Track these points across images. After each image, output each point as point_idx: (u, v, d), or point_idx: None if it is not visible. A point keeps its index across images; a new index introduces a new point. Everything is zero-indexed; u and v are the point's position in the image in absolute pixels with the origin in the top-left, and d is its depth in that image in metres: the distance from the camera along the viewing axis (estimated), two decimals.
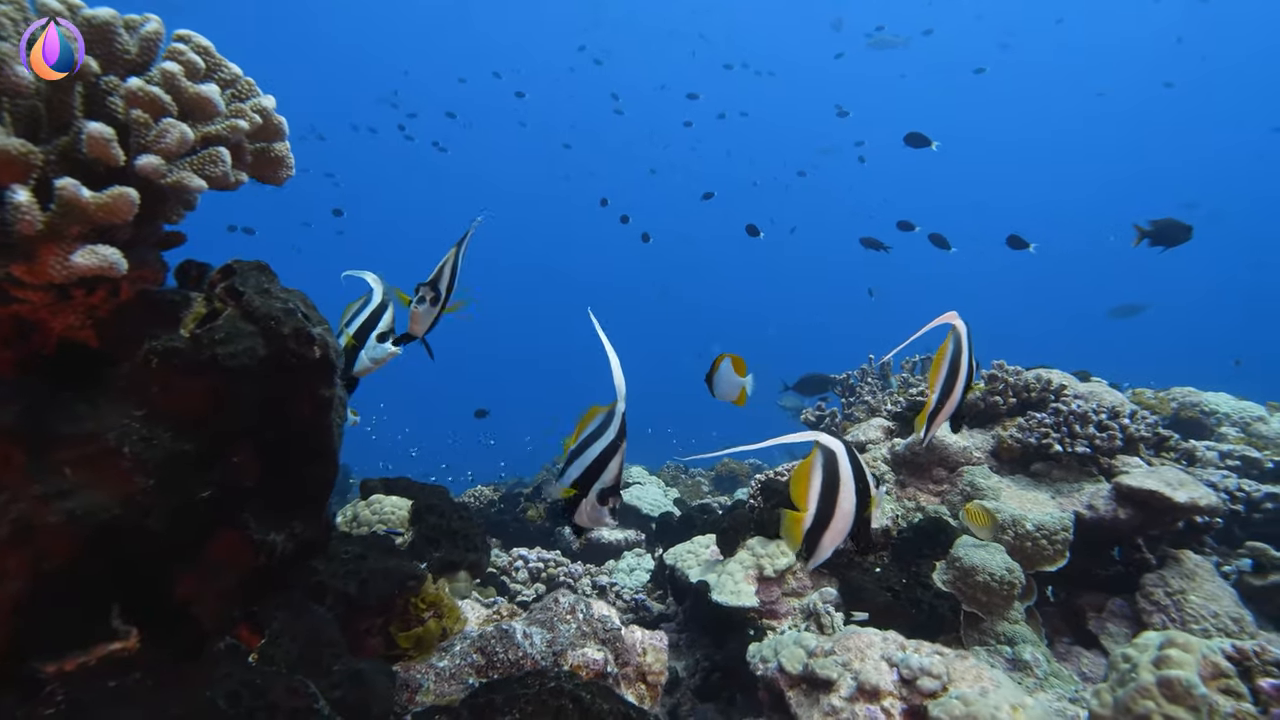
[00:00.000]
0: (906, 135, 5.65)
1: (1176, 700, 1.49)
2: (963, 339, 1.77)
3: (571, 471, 1.31)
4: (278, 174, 1.27)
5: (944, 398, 1.79)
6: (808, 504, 1.42)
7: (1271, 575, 3.05)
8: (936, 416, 1.81)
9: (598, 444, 1.29)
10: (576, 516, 1.33)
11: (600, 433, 1.30)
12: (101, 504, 0.92)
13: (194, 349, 1.02)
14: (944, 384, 1.79)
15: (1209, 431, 4.79)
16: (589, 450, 1.30)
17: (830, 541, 1.47)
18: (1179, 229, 4.32)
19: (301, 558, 1.27)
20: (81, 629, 1.00)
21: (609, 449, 1.29)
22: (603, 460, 1.29)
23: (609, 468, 1.29)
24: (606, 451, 1.29)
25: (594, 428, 1.32)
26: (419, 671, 1.53)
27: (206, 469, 1.06)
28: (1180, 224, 4.33)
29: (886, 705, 1.70)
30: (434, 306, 1.49)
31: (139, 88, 0.97)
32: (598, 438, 1.30)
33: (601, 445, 1.29)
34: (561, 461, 1.35)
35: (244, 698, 1.02)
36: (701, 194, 10.02)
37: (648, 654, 1.88)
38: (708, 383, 2.23)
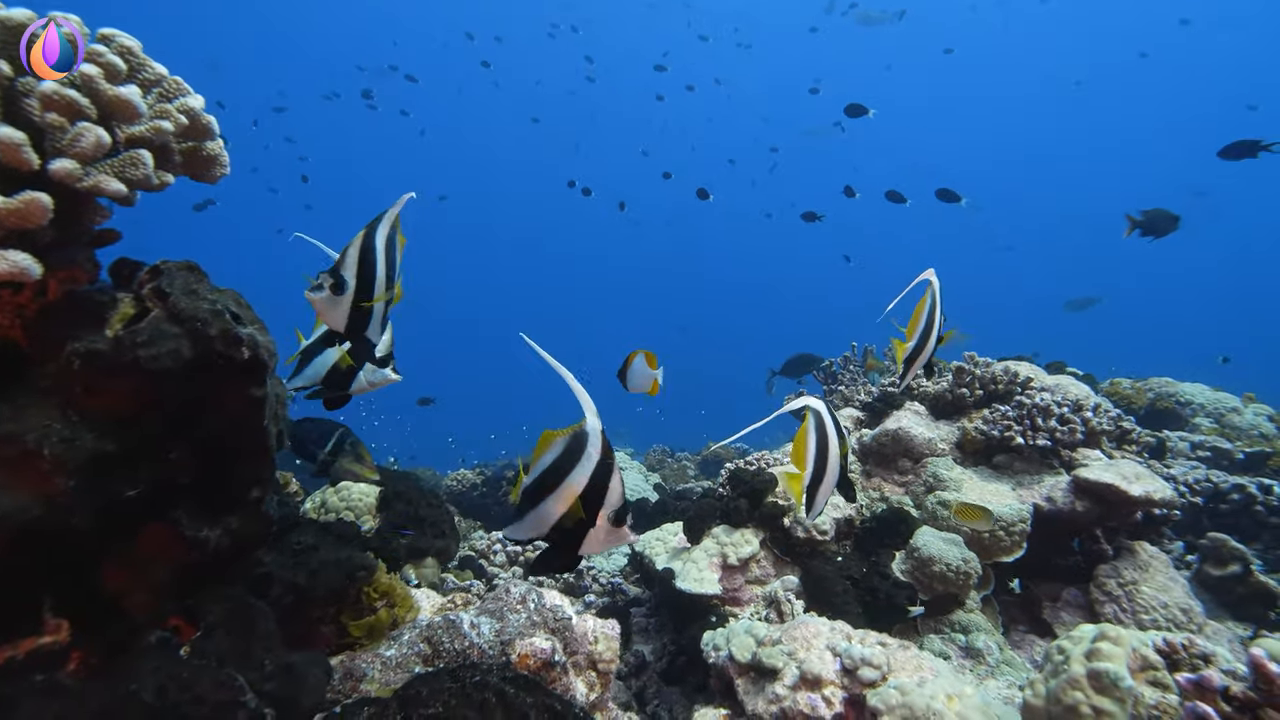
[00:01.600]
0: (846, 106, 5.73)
1: (1104, 692, 1.53)
2: (935, 293, 2.00)
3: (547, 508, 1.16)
4: (211, 172, 1.27)
5: (921, 343, 2.03)
6: (806, 464, 1.64)
7: (1230, 566, 3.11)
8: (914, 360, 2.04)
9: (579, 470, 1.15)
10: (585, 548, 1.19)
11: (574, 458, 1.16)
12: (21, 505, 0.94)
13: (116, 351, 1.04)
14: (921, 331, 2.03)
15: (1184, 422, 4.84)
16: (570, 479, 1.15)
17: (824, 493, 1.68)
18: (1167, 219, 4.34)
19: (240, 552, 1.29)
20: (9, 623, 1.02)
21: (601, 470, 1.15)
22: (598, 485, 1.15)
23: (611, 489, 1.17)
24: (599, 473, 1.15)
25: (558, 455, 1.17)
26: (365, 661, 1.56)
27: (134, 468, 1.08)
28: (1168, 214, 4.34)
29: (827, 694, 1.74)
30: (338, 296, 1.23)
31: (54, 90, 0.97)
32: (573, 464, 1.15)
33: (587, 469, 1.15)
34: (516, 502, 1.20)
35: (171, 691, 1.05)
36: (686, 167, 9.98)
37: (599, 642, 1.92)
38: (620, 378, 2.37)
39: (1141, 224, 4.28)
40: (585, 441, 1.16)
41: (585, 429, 1.16)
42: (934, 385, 3.27)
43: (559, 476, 1.16)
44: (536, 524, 1.18)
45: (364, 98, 15.54)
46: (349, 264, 1.24)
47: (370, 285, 1.27)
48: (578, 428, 1.18)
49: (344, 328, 1.26)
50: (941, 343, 2.07)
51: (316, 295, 1.23)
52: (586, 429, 1.16)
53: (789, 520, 2.83)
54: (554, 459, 1.17)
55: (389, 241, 1.30)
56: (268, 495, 1.29)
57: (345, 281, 1.23)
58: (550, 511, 1.16)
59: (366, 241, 1.26)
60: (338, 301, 1.24)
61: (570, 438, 1.18)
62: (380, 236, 1.28)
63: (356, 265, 1.24)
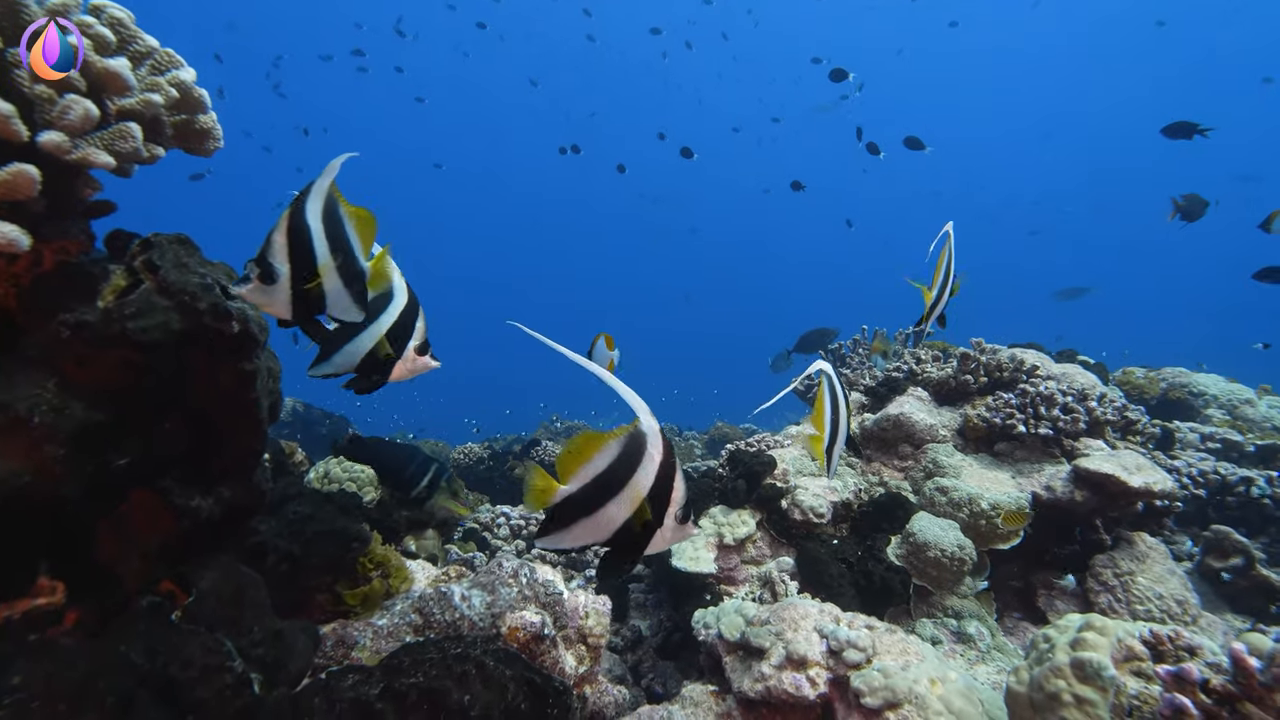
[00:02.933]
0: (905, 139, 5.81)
1: (1086, 681, 1.54)
2: (949, 244, 2.19)
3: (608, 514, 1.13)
4: (204, 145, 1.28)
5: (942, 292, 2.22)
6: (824, 425, 1.85)
7: (1232, 558, 3.09)
8: (936, 306, 2.23)
9: (642, 472, 1.13)
10: (651, 548, 1.19)
11: (634, 460, 1.14)
12: (11, 472, 0.97)
13: (105, 322, 1.05)
14: (942, 282, 2.21)
15: (1196, 413, 4.78)
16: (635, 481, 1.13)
17: (837, 453, 1.89)
18: (1200, 204, 4.38)
19: (232, 521, 1.32)
20: (6, 585, 1.05)
21: (664, 470, 1.15)
22: (663, 485, 1.15)
23: (675, 487, 1.17)
24: (663, 473, 1.14)
25: (615, 458, 1.14)
26: (357, 629, 1.60)
27: (124, 438, 1.10)
28: (1200, 199, 4.38)
29: (812, 674, 1.77)
30: (269, 285, 1.09)
31: None
32: (635, 466, 1.13)
33: (651, 470, 1.13)
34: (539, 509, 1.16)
35: (160, 654, 1.08)
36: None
37: (589, 617, 1.95)
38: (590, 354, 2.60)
39: (1182, 209, 4.30)
40: (644, 442, 1.13)
41: (641, 429, 1.14)
42: (938, 371, 3.25)
43: (620, 480, 1.13)
44: (593, 531, 1.16)
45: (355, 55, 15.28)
46: (275, 248, 1.11)
47: (310, 264, 1.14)
48: (632, 429, 1.15)
49: (292, 317, 1.15)
50: (953, 293, 2.26)
51: (244, 289, 1.09)
52: (643, 429, 1.13)
53: (786, 502, 2.85)
54: (610, 463, 1.13)
55: (328, 213, 1.18)
56: (259, 466, 1.31)
57: (274, 268, 1.10)
58: (613, 516, 1.14)
59: (295, 220, 1.13)
60: (271, 291, 1.11)
61: (626, 440, 1.14)
62: (312, 210, 1.15)
63: (286, 247, 1.11)
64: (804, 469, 3.08)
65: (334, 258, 1.17)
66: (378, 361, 1.43)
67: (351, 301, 1.24)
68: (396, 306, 1.42)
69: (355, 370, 1.46)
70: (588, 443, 1.15)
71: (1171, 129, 4.56)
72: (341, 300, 1.22)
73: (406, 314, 1.44)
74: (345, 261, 1.20)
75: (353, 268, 1.22)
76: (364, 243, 1.25)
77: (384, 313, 1.41)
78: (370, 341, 1.40)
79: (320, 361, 1.41)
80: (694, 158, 7.39)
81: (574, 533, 1.16)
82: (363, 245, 1.25)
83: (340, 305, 1.22)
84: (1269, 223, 3.49)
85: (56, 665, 1.01)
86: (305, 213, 1.14)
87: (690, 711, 1.90)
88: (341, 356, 1.42)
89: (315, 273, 1.14)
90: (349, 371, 1.47)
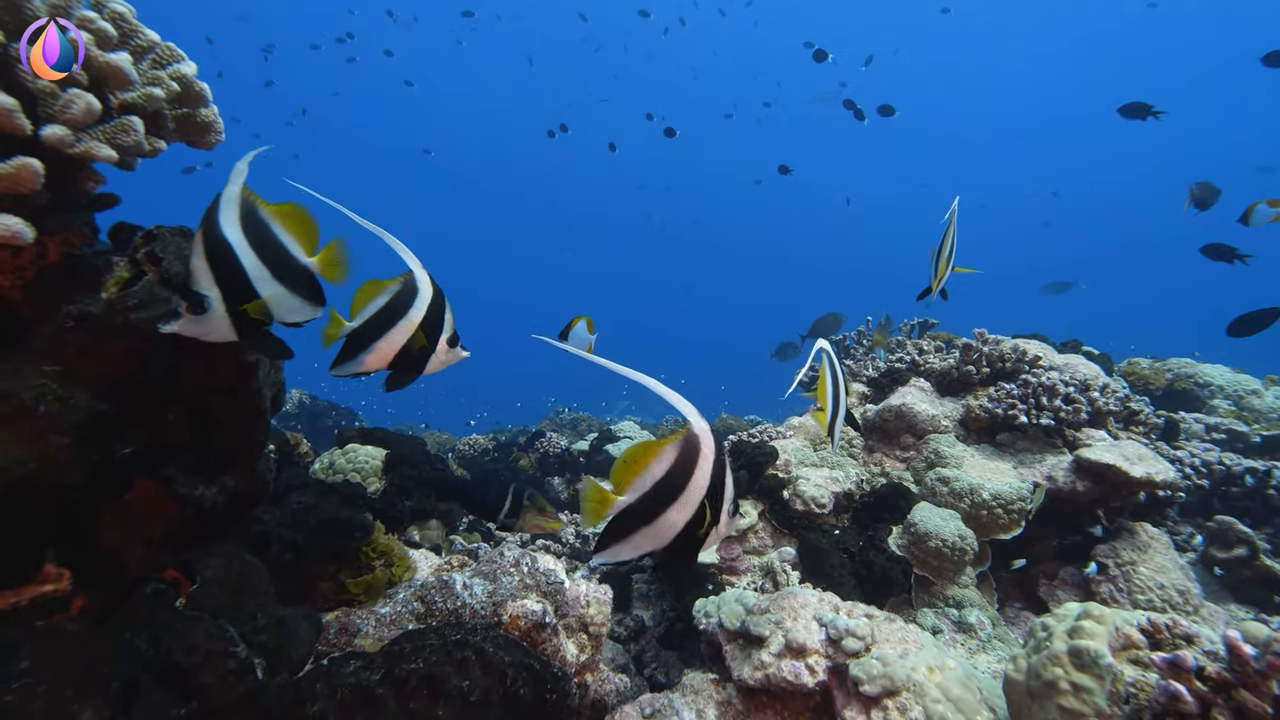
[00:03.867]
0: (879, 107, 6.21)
1: (1084, 669, 1.55)
2: (953, 220, 2.30)
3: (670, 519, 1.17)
4: (206, 138, 1.29)
5: (944, 268, 2.33)
6: (828, 403, 2.00)
7: (1236, 549, 3.08)
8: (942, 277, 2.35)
9: (699, 473, 1.18)
10: (707, 545, 1.24)
11: (692, 463, 1.18)
12: (16, 460, 0.99)
13: (109, 314, 1.07)
14: (947, 256, 2.33)
15: (1201, 403, 4.76)
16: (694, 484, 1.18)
17: (839, 425, 2.06)
18: (1212, 192, 4.43)
19: (235, 510, 1.34)
20: (13, 572, 1.07)
21: (718, 469, 1.21)
22: (718, 484, 1.21)
23: (727, 485, 1.23)
24: (717, 472, 1.20)
25: (673, 464, 1.17)
26: (360, 617, 1.62)
27: (128, 428, 1.12)
28: (1213, 187, 4.43)
29: (811, 662, 1.78)
30: (202, 314, 1.01)
31: None
32: (693, 469, 1.18)
33: (707, 470, 1.19)
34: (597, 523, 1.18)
35: (164, 639, 1.10)
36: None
37: (591, 606, 1.96)
38: (561, 338, 2.65)
39: (1197, 196, 4.32)
40: (699, 444, 1.17)
41: (694, 431, 1.17)
42: (941, 362, 3.25)
43: (679, 485, 1.16)
44: (654, 538, 1.19)
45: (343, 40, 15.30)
46: (198, 274, 1.02)
47: (242, 280, 1.05)
48: (685, 432, 1.18)
49: (239, 338, 1.09)
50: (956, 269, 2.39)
51: (174, 327, 1.02)
52: (696, 431, 1.17)
53: (788, 493, 2.86)
54: (669, 469, 1.16)
55: (248, 220, 1.08)
56: (262, 456, 1.33)
57: (202, 296, 1.01)
58: (674, 522, 1.17)
59: (210, 239, 1.03)
60: (207, 320, 1.03)
61: (681, 444, 1.18)
62: (227, 221, 1.05)
63: (209, 270, 1.02)
64: (805, 459, 3.08)
65: (267, 265, 1.10)
66: (411, 356, 1.39)
67: (302, 302, 1.18)
68: (424, 299, 1.37)
69: (389, 366, 1.41)
70: (644, 451, 1.17)
71: (1127, 109, 4.82)
72: (288, 304, 1.15)
73: (435, 306, 1.39)
74: (281, 265, 1.13)
75: (292, 268, 1.15)
76: (303, 238, 1.17)
77: (413, 306, 1.37)
78: (403, 337, 1.36)
79: (345, 360, 1.36)
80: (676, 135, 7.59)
81: (634, 542, 1.20)
82: (303, 240, 1.17)
83: (289, 308, 1.16)
84: (1246, 216, 3.50)
85: (62, 651, 1.03)
86: (220, 227, 1.05)
87: (690, 699, 1.92)
88: (370, 354, 1.37)
89: (250, 288, 1.07)
90: (380, 369, 1.42)
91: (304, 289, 1.18)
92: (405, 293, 1.35)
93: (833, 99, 12.57)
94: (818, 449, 3.22)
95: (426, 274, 1.38)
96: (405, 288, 1.36)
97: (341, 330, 1.33)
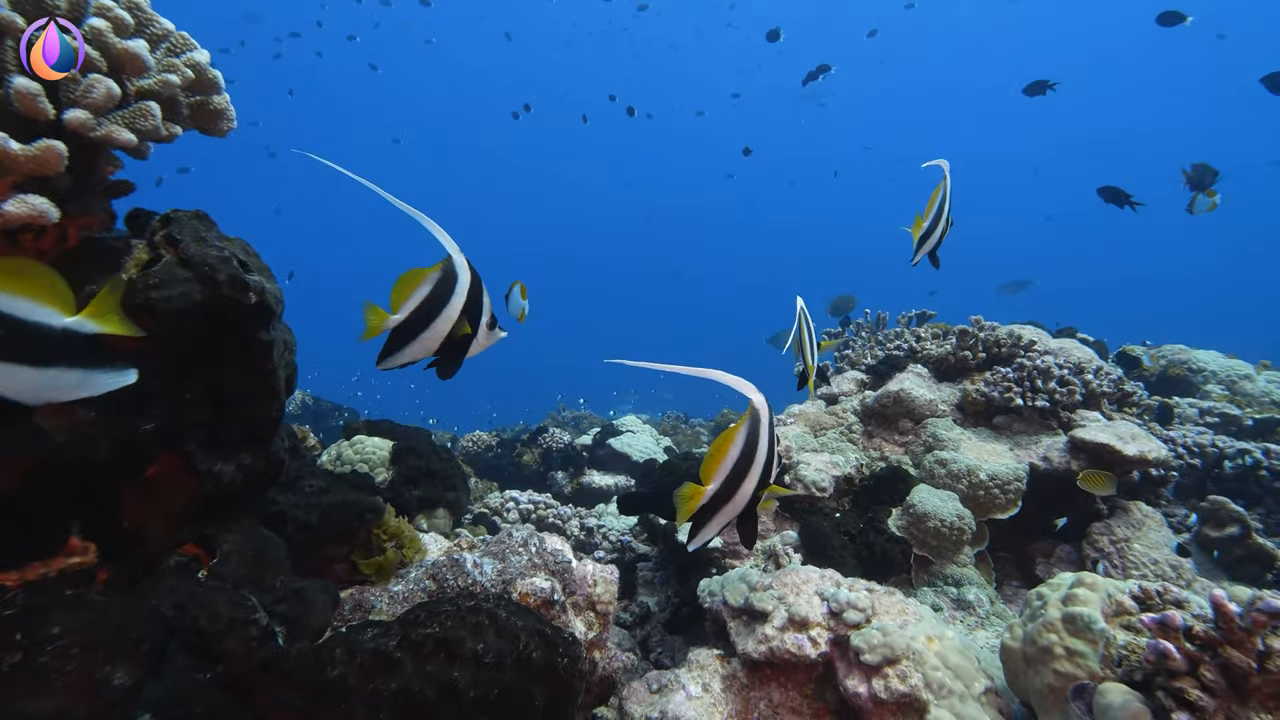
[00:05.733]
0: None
1: (1077, 634, 1.59)
2: (946, 182, 2.22)
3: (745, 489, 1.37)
4: (218, 125, 1.32)
5: (933, 226, 2.27)
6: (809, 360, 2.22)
7: (1229, 527, 3.13)
8: (926, 240, 2.29)
9: (763, 442, 1.37)
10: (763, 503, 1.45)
11: (756, 438, 1.36)
12: (49, 431, 1.02)
13: (130, 294, 1.10)
14: (934, 215, 2.26)
15: (1195, 389, 4.81)
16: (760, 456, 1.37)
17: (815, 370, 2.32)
18: (1209, 173, 4.47)
19: (253, 488, 1.38)
20: (41, 544, 1.11)
21: (772, 431, 1.39)
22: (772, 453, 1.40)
23: (775, 453, 1.43)
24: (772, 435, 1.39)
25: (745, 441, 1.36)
26: (374, 594, 1.66)
27: (150, 404, 1.15)
28: (1210, 168, 4.47)
29: (814, 635, 1.82)
30: None
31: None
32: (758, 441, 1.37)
33: (768, 439, 1.38)
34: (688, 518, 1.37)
35: (189, 607, 1.14)
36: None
37: (598, 585, 2.01)
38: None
39: (1192, 178, 4.37)
40: (760, 418, 1.35)
41: (756, 409, 1.34)
42: (938, 348, 3.29)
43: (750, 461, 1.34)
44: (730, 512, 1.37)
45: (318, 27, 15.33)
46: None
47: None
48: (749, 413, 1.35)
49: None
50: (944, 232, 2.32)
51: None
52: (757, 408, 1.34)
53: (789, 477, 2.90)
54: (742, 449, 1.33)
55: None
56: (276, 435, 1.37)
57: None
58: (746, 493, 1.35)
59: None
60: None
61: (749, 425, 1.35)
62: None
63: None
64: (806, 445, 3.13)
65: None
66: (455, 343, 1.41)
67: (76, 373, 0.95)
68: (464, 286, 1.38)
69: (436, 353, 1.43)
70: (723, 442, 1.34)
71: (1030, 88, 5.42)
72: (44, 382, 0.91)
73: (474, 291, 1.40)
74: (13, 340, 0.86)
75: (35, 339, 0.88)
76: (46, 295, 0.89)
77: (454, 294, 1.37)
78: (447, 325, 1.37)
79: (391, 353, 1.37)
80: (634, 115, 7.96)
81: (715, 522, 1.38)
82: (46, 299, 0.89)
83: (51, 388, 0.92)
84: (1190, 206, 3.65)
85: (92, 616, 1.07)
86: None
87: (696, 674, 1.96)
88: (417, 344, 1.37)
89: None
90: (426, 356, 1.43)
91: (68, 358, 0.92)
92: (445, 280, 1.36)
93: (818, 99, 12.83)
94: (818, 435, 3.26)
95: (464, 258, 1.39)
96: (445, 275, 1.36)
97: (386, 324, 1.34)
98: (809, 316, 2.15)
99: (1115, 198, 4.01)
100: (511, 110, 12.35)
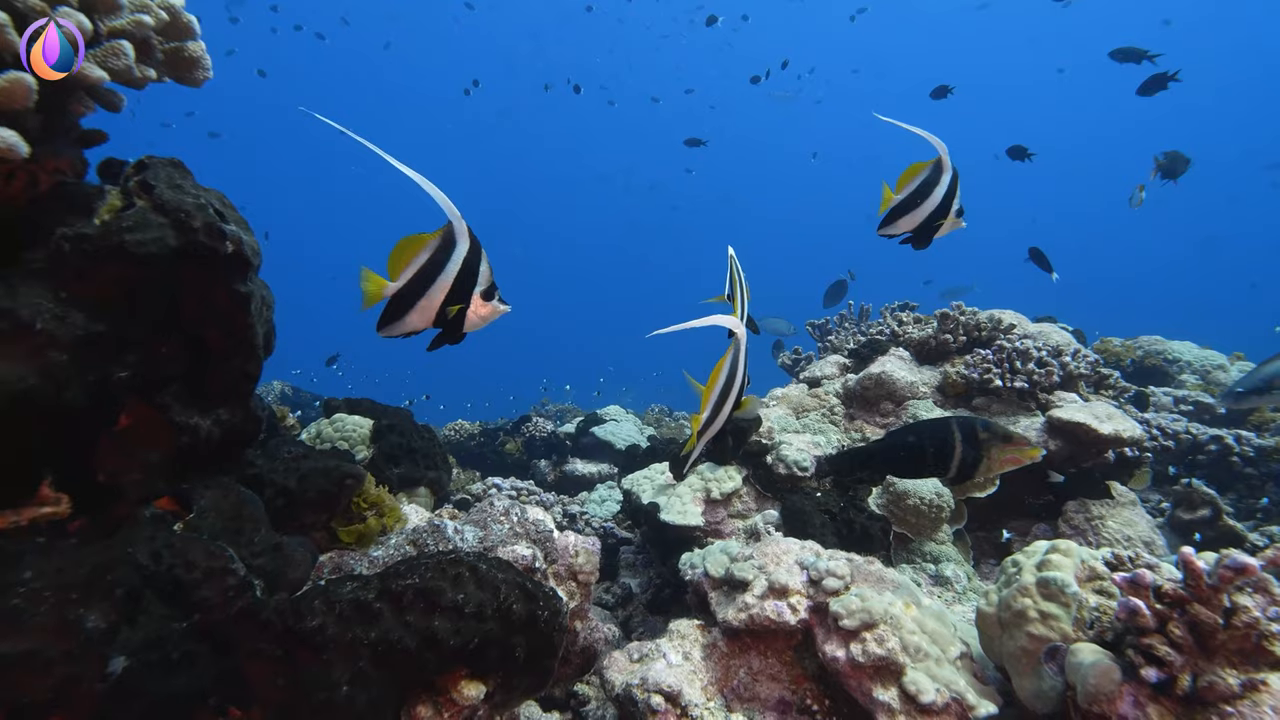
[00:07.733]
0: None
1: (1051, 598, 1.62)
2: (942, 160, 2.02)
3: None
4: (194, 74, 1.30)
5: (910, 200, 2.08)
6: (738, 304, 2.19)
7: (1200, 510, 3.20)
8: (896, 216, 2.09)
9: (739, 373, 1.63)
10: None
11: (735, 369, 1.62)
12: (16, 373, 1.00)
13: (104, 236, 1.09)
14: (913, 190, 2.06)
15: (1170, 379, 4.90)
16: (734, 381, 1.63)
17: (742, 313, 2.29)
18: (1182, 161, 4.55)
19: (231, 444, 1.36)
20: (11, 492, 1.09)
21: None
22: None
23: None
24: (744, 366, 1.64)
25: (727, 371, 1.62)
26: (354, 558, 1.64)
27: (124, 351, 1.13)
28: (1182, 156, 4.56)
29: (793, 602, 1.83)
30: None
31: None
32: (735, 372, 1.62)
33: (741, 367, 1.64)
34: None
35: (164, 557, 1.13)
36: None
37: (579, 555, 2.01)
38: None
39: (1164, 165, 4.44)
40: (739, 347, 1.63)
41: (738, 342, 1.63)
42: (919, 332, 3.32)
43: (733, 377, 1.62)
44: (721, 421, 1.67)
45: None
46: None
47: None
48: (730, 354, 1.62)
49: None
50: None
51: None
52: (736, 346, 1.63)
53: (771, 458, 2.91)
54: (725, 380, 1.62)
55: None
56: (254, 390, 1.35)
57: None
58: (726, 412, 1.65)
59: None
60: None
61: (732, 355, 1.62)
62: None
63: None
64: (788, 427, 3.15)
65: None
66: (450, 319, 1.36)
67: None
68: (460, 252, 1.33)
69: (435, 325, 1.37)
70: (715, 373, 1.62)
71: (935, 92, 5.74)
72: None
73: (472, 257, 1.34)
74: None
75: None
76: None
77: (450, 260, 1.32)
78: (442, 293, 1.32)
79: (390, 321, 1.32)
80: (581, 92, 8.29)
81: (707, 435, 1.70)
82: None
83: None
84: (1131, 199, 3.79)
85: (66, 560, 1.05)
86: None
87: (677, 643, 1.97)
88: (414, 313, 1.33)
89: None
90: (428, 328, 1.38)
91: None
92: (443, 248, 1.32)
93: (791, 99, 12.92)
94: (800, 417, 3.28)
95: (465, 225, 1.33)
96: (443, 242, 1.32)
97: (385, 291, 1.30)
98: (737, 263, 2.10)
99: (1039, 260, 4.26)
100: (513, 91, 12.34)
